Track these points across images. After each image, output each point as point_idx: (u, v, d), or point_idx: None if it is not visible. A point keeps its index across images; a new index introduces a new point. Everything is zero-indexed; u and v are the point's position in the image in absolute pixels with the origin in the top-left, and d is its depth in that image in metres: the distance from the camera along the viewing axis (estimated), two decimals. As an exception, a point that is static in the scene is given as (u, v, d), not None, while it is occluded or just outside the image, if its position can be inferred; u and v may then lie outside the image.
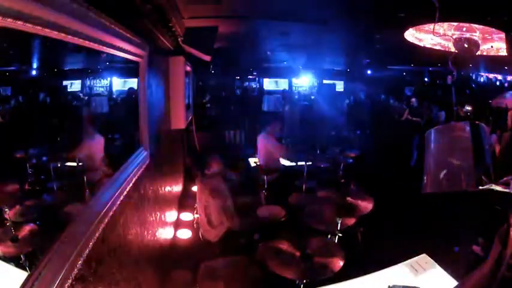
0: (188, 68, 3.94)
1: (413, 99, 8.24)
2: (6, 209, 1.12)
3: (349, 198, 2.85)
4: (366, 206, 2.74)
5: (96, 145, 1.64)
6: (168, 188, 3.41)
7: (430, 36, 2.79)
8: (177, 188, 4.20)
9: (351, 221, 2.66)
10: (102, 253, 1.37)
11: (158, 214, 2.80)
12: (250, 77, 10.14)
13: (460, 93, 8.15)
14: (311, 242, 2.08)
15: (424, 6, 1.85)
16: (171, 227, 3.41)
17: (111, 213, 1.37)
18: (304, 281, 1.97)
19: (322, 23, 4.01)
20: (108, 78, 2.08)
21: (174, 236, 3.46)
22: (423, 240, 2.68)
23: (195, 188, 4.11)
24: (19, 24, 0.73)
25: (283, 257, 1.99)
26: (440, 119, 6.78)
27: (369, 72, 9.57)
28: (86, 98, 1.83)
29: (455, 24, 2.46)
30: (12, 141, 1.22)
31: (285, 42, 5.98)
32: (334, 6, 3.25)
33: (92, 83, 1.89)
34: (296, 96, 9.89)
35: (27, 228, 1.17)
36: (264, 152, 4.17)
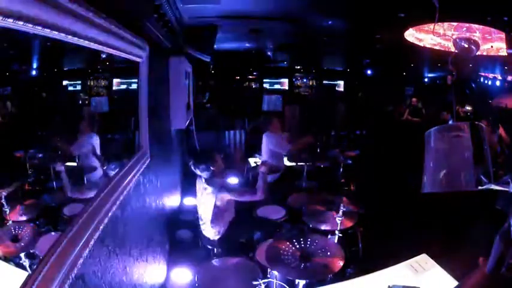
0: (188, 68, 3.93)
1: (414, 99, 8.25)
2: (6, 209, 1.12)
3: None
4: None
5: (91, 144, 1.64)
6: (168, 188, 3.41)
7: (430, 36, 2.79)
8: (177, 188, 4.20)
9: (351, 221, 2.66)
10: (102, 253, 1.37)
11: (158, 214, 2.80)
12: (250, 77, 10.13)
13: (460, 93, 8.15)
14: (311, 242, 2.09)
15: (424, 7, 1.85)
16: (171, 227, 3.41)
17: (111, 214, 1.37)
18: (304, 281, 1.97)
19: (322, 23, 4.01)
20: (108, 78, 2.08)
21: (174, 236, 3.46)
22: (423, 240, 2.68)
23: (195, 188, 4.11)
24: (19, 25, 0.73)
25: (283, 257, 1.99)
26: (447, 119, 6.76)
27: (369, 72, 9.56)
28: (86, 98, 1.83)
29: (455, 24, 2.46)
30: (12, 141, 1.22)
31: (285, 42, 5.98)
32: (335, 6, 3.26)
33: (92, 83, 1.89)
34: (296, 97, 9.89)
35: (27, 228, 1.17)
36: (266, 151, 4.17)
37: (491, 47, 2.82)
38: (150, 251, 2.37)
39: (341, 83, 10.40)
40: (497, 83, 7.79)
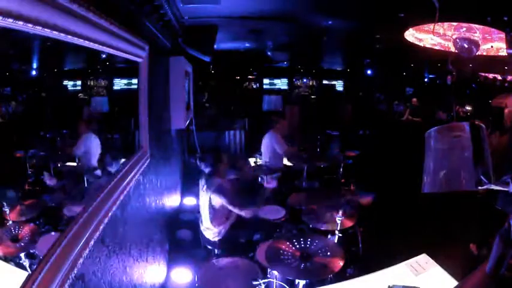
0: (188, 68, 3.93)
1: (414, 99, 8.26)
2: (6, 209, 1.12)
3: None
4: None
5: (92, 145, 1.64)
6: (168, 188, 3.41)
7: (430, 36, 2.79)
8: (177, 188, 4.20)
9: (351, 221, 2.66)
10: (102, 253, 1.37)
11: (158, 214, 2.80)
12: (250, 77, 10.13)
13: (460, 93, 8.16)
14: (311, 242, 2.08)
15: (424, 7, 1.85)
16: (171, 227, 3.41)
17: (111, 214, 1.37)
18: (304, 281, 1.97)
19: (322, 23, 4.01)
20: (108, 78, 2.08)
21: (174, 236, 3.46)
22: (423, 240, 2.68)
23: (195, 188, 4.11)
24: (19, 25, 0.73)
25: (283, 257, 1.99)
26: (443, 119, 6.76)
27: (369, 72, 9.56)
28: (86, 98, 1.83)
29: (455, 24, 2.46)
30: (12, 141, 1.22)
31: (285, 42, 5.98)
32: (335, 7, 3.26)
33: (92, 83, 1.89)
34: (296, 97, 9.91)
35: (27, 228, 1.17)
36: (267, 150, 4.16)
37: (491, 47, 2.82)
38: (150, 250, 2.37)
39: (341, 83, 10.41)
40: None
